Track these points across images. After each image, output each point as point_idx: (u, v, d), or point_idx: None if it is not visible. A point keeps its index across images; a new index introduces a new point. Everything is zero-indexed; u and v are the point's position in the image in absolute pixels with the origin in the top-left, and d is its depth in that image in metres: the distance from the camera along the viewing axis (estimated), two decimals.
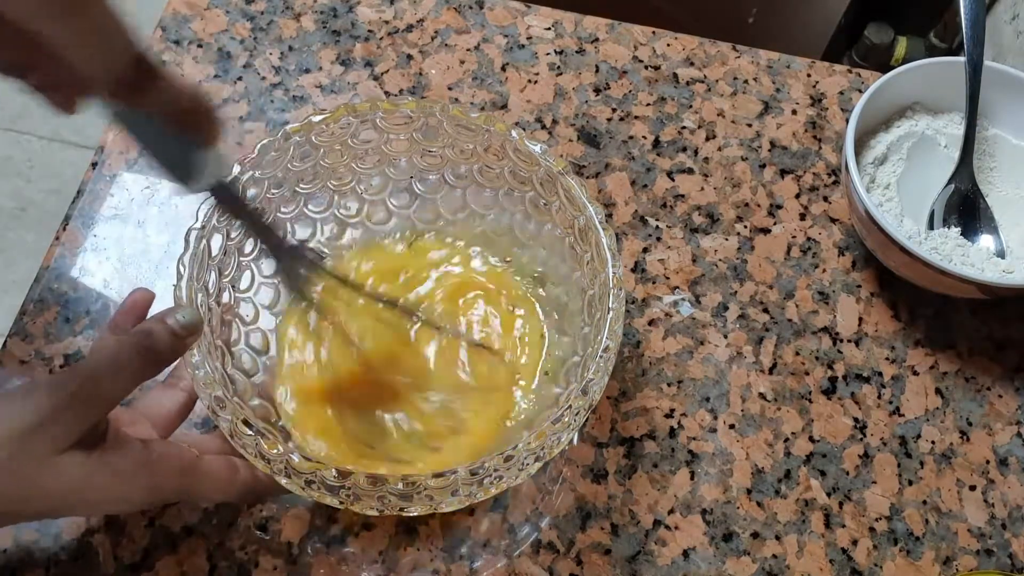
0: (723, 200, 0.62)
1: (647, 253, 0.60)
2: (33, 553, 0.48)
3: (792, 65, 0.68)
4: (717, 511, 0.52)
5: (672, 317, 0.57)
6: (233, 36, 0.65)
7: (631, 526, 0.51)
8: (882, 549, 0.52)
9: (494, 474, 0.42)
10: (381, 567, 0.49)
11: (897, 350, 0.58)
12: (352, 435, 0.48)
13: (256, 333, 0.51)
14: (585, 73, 0.66)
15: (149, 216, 0.58)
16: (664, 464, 0.53)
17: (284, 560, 0.49)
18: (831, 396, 0.56)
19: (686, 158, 0.63)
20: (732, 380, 0.56)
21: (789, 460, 0.54)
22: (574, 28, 0.68)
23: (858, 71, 0.68)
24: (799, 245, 0.61)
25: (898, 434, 0.55)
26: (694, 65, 0.67)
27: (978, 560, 0.52)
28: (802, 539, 0.52)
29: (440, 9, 0.68)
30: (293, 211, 0.53)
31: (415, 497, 0.42)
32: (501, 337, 0.52)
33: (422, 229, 0.55)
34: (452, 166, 0.53)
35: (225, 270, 0.49)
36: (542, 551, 0.50)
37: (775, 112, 0.66)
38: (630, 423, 0.54)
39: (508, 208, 0.54)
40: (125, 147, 0.60)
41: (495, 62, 0.66)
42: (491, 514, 0.51)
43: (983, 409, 0.56)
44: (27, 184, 1.41)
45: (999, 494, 0.54)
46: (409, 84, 0.64)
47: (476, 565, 0.50)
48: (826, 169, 0.64)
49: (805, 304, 0.59)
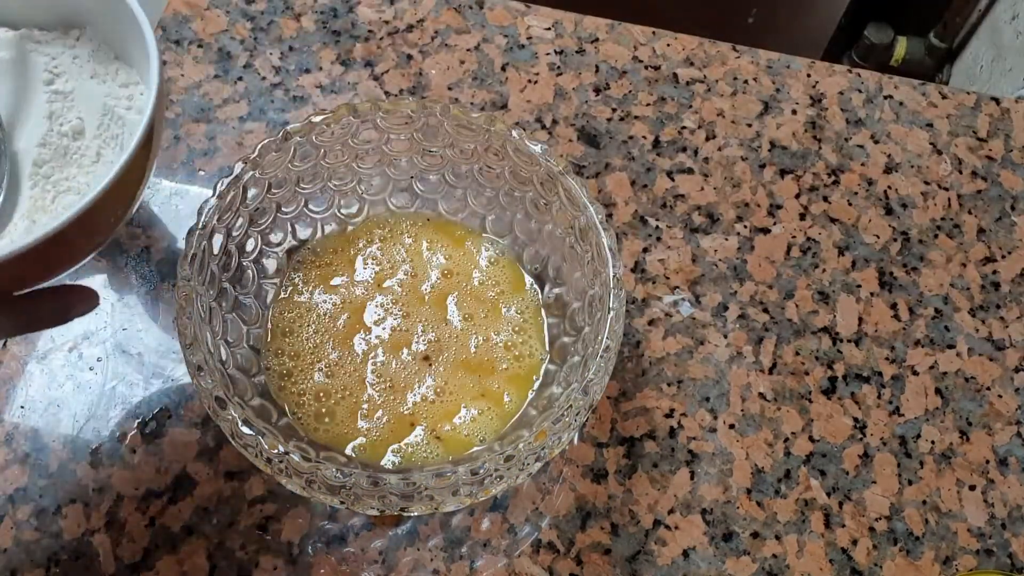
0: (723, 200, 0.62)
1: (647, 253, 0.60)
2: (33, 553, 0.48)
3: (792, 65, 0.68)
4: (717, 511, 0.52)
5: (672, 317, 0.58)
6: (233, 36, 0.65)
7: (631, 526, 0.51)
8: (882, 549, 0.52)
9: (494, 474, 0.42)
10: (381, 567, 0.49)
11: (897, 350, 0.58)
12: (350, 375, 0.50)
13: (257, 334, 0.51)
14: (585, 73, 0.66)
15: (149, 216, 0.58)
16: (664, 464, 0.53)
17: (284, 560, 0.49)
18: (831, 396, 0.56)
19: (686, 158, 0.63)
20: (732, 380, 0.56)
21: (789, 460, 0.54)
22: (574, 28, 0.68)
23: (858, 71, 0.68)
24: (799, 245, 0.61)
25: (898, 434, 0.55)
26: (694, 65, 0.67)
27: (978, 560, 0.52)
28: (802, 539, 0.52)
29: (440, 9, 0.68)
30: (294, 211, 0.53)
31: (415, 497, 0.42)
32: (501, 336, 0.52)
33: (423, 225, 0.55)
34: (452, 166, 0.53)
35: (226, 270, 0.49)
36: (542, 551, 0.50)
37: (775, 112, 0.66)
38: (630, 423, 0.54)
39: (508, 208, 0.54)
40: None
41: (495, 62, 0.66)
42: (491, 514, 0.51)
43: (983, 409, 0.56)
44: None
45: (999, 494, 0.54)
46: (409, 84, 0.65)
47: (476, 565, 0.50)
48: (826, 169, 0.64)
49: (805, 304, 0.59)
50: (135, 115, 0.49)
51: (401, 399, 0.50)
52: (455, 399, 0.50)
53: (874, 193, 0.63)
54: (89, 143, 0.48)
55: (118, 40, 0.50)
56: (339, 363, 0.51)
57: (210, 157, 0.61)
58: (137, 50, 0.48)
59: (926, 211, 0.63)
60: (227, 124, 0.62)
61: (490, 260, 0.54)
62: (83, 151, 0.48)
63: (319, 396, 0.50)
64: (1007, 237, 0.62)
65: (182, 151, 0.61)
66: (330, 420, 0.49)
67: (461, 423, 0.50)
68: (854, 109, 0.66)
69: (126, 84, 0.50)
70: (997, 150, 0.66)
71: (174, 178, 0.60)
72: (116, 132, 0.49)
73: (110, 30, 0.50)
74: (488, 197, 0.54)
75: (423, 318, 0.52)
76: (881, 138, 0.65)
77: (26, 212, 0.46)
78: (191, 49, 0.65)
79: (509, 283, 0.54)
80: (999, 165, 0.65)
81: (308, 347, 0.51)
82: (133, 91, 0.50)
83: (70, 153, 0.47)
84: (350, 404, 0.50)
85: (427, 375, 0.51)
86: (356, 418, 0.49)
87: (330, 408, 0.49)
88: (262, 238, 0.52)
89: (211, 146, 0.61)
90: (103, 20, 0.50)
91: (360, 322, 0.52)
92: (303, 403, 0.49)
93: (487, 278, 0.54)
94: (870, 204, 0.63)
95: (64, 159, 0.47)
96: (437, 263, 0.54)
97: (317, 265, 0.53)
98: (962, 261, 0.61)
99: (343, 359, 0.51)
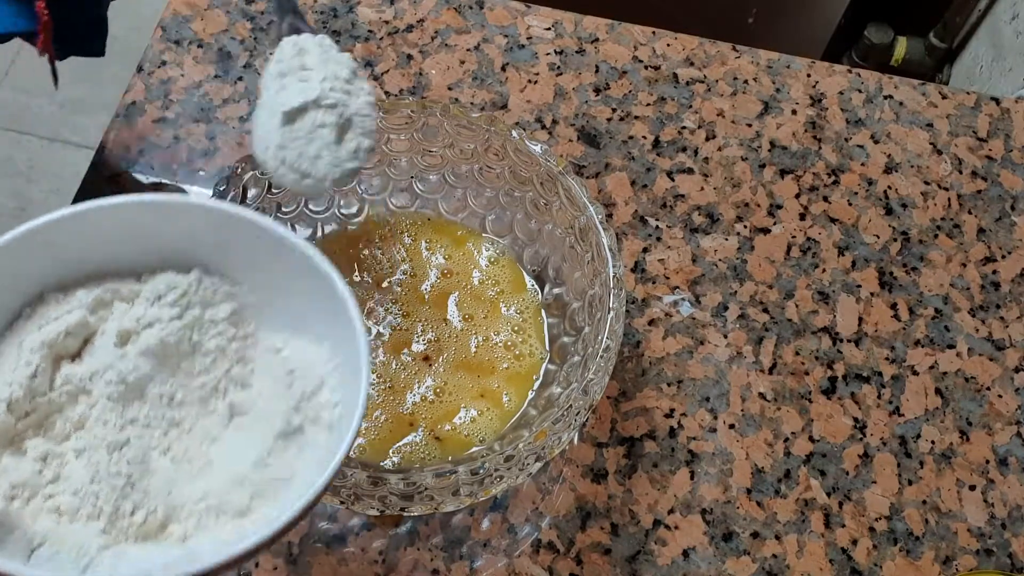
0: (723, 200, 0.62)
1: (647, 253, 0.60)
2: None
3: (792, 65, 0.68)
4: (717, 511, 0.52)
5: (672, 317, 0.58)
6: (233, 36, 0.66)
7: (631, 526, 0.51)
8: (882, 549, 0.52)
9: (494, 474, 0.42)
10: (381, 567, 0.49)
11: (897, 350, 0.58)
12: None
13: None
14: (585, 73, 0.66)
15: None
16: (664, 464, 0.53)
17: (284, 560, 0.49)
18: (831, 396, 0.56)
19: (686, 158, 0.63)
20: (732, 380, 0.56)
21: (789, 460, 0.54)
22: (574, 28, 0.68)
23: (858, 71, 0.68)
24: (799, 245, 0.61)
25: (898, 434, 0.55)
26: (694, 65, 0.67)
27: (978, 560, 0.52)
28: (802, 539, 0.52)
29: (440, 9, 0.68)
30: (294, 211, 0.53)
31: (416, 497, 0.42)
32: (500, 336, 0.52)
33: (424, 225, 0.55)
34: (452, 166, 0.53)
35: None
36: (542, 551, 0.50)
37: (775, 112, 0.66)
38: (630, 423, 0.54)
39: (508, 208, 0.54)
40: (125, 147, 0.60)
41: (495, 62, 0.66)
42: (491, 514, 0.51)
43: (983, 409, 0.56)
44: (27, 184, 1.41)
45: (999, 494, 0.54)
46: (409, 84, 0.65)
47: (476, 565, 0.50)
48: (826, 169, 0.64)
49: (805, 304, 0.59)
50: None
51: (401, 399, 0.50)
52: (455, 399, 0.50)
53: (874, 193, 0.63)
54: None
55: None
56: None
57: (210, 157, 0.61)
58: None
59: (926, 211, 0.63)
60: (227, 124, 0.62)
61: (490, 260, 0.54)
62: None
63: None
64: (1007, 237, 0.62)
65: (182, 151, 0.61)
66: None
67: (461, 423, 0.50)
68: (854, 109, 0.66)
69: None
70: (997, 150, 0.66)
71: (174, 178, 0.60)
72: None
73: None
74: (488, 197, 0.54)
75: (423, 318, 0.52)
76: (881, 138, 0.65)
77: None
78: (191, 49, 0.65)
79: (509, 283, 0.54)
80: (999, 165, 0.65)
81: None
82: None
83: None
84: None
85: (427, 375, 0.51)
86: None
87: None
88: None
89: (211, 146, 0.61)
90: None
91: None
92: None
93: (487, 278, 0.54)
94: (870, 204, 0.63)
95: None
96: (437, 263, 0.54)
97: None
98: (962, 261, 0.61)
99: None
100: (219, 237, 0.40)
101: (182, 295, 0.40)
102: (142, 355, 0.38)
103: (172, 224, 0.40)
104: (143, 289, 0.40)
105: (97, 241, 0.40)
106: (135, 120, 0.61)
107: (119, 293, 0.40)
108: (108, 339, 0.39)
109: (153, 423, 0.39)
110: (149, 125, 0.61)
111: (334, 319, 0.39)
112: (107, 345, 0.39)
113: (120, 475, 0.37)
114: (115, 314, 0.40)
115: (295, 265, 0.39)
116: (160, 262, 0.41)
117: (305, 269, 0.39)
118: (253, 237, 0.40)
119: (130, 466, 0.37)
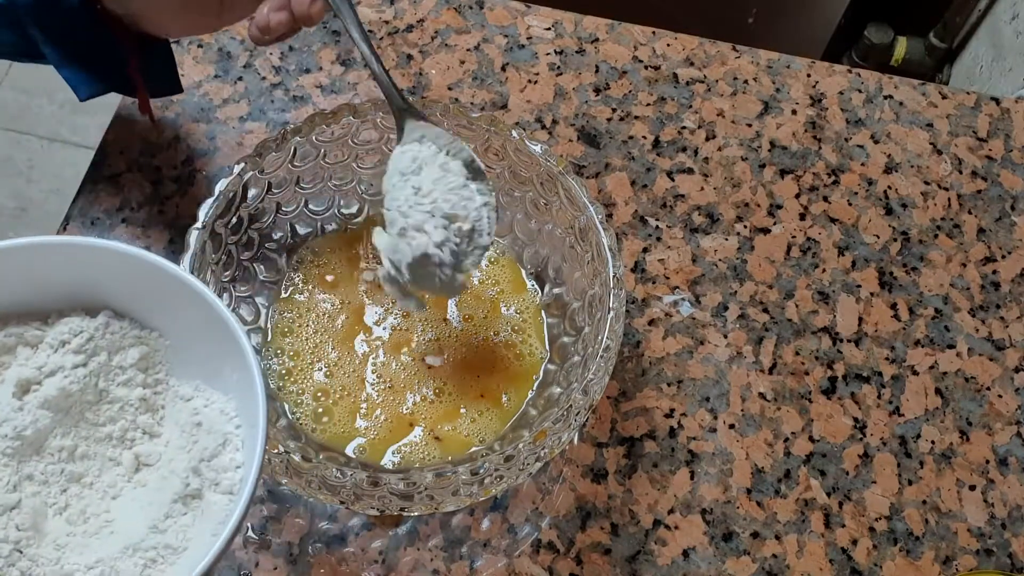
0: (723, 200, 0.62)
1: (647, 253, 0.60)
2: None
3: (792, 65, 0.68)
4: (717, 511, 0.52)
5: (672, 317, 0.58)
6: (233, 36, 0.65)
7: (631, 526, 0.51)
8: (882, 549, 0.52)
9: (494, 474, 0.42)
10: (381, 567, 0.49)
11: (897, 350, 0.58)
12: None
13: (256, 334, 0.51)
14: (585, 73, 0.66)
15: (150, 216, 0.58)
16: (664, 464, 0.53)
17: (284, 560, 0.49)
18: (831, 396, 0.56)
19: (686, 158, 0.63)
20: (732, 380, 0.56)
21: (789, 460, 0.54)
22: (574, 28, 0.68)
23: (858, 71, 0.68)
24: (799, 245, 0.61)
25: (898, 434, 0.55)
26: (694, 65, 0.67)
27: (978, 560, 0.52)
28: (802, 539, 0.52)
29: (440, 9, 0.68)
30: (295, 211, 0.53)
31: (415, 497, 0.42)
32: (500, 336, 0.52)
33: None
34: None
35: (226, 269, 0.49)
36: (542, 551, 0.50)
37: (775, 112, 0.66)
38: (630, 423, 0.54)
39: (508, 208, 0.54)
40: (125, 147, 0.60)
41: (495, 62, 0.66)
42: (491, 514, 0.51)
43: (983, 409, 0.56)
44: (27, 184, 1.41)
45: (999, 494, 0.54)
46: (409, 84, 0.64)
47: (476, 565, 0.50)
48: (826, 169, 0.64)
49: (805, 304, 0.59)
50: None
51: (400, 399, 0.50)
52: (454, 399, 0.50)
53: (874, 193, 0.63)
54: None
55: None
56: (338, 363, 0.51)
57: (210, 157, 0.61)
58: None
59: (926, 211, 0.63)
60: (227, 124, 0.62)
61: (490, 260, 0.54)
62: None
63: (317, 395, 0.50)
64: (1007, 237, 0.62)
65: (182, 151, 0.61)
66: (328, 419, 0.49)
67: (461, 423, 0.50)
68: (854, 109, 0.66)
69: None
70: (997, 150, 0.66)
71: (174, 178, 0.60)
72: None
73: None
74: None
75: (423, 318, 0.52)
76: (881, 138, 0.65)
77: None
78: (191, 49, 0.65)
79: (509, 283, 0.54)
80: (999, 165, 0.65)
81: (308, 347, 0.51)
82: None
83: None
84: (348, 404, 0.50)
85: (427, 375, 0.51)
86: (354, 418, 0.49)
87: (328, 407, 0.49)
88: (262, 238, 0.52)
89: (211, 146, 0.61)
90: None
91: (360, 322, 0.52)
92: (302, 402, 0.49)
93: (487, 278, 0.54)
94: (870, 204, 0.63)
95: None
96: None
97: (317, 265, 0.53)
98: (962, 261, 0.61)
99: (342, 359, 0.51)
100: (127, 280, 0.39)
101: (88, 339, 0.39)
102: (42, 407, 0.37)
103: (80, 266, 0.39)
104: (48, 334, 0.39)
105: (1, 283, 0.38)
106: (135, 120, 0.61)
107: (23, 338, 0.39)
108: (6, 390, 0.37)
109: (51, 479, 0.37)
110: (149, 125, 0.61)
111: (242, 370, 0.38)
112: (5, 397, 0.37)
113: (7, 542, 0.35)
114: (17, 360, 0.38)
115: (203, 311, 0.38)
116: (69, 304, 0.40)
117: (211, 316, 0.38)
118: (159, 282, 0.39)
119: (19, 532, 0.35)
